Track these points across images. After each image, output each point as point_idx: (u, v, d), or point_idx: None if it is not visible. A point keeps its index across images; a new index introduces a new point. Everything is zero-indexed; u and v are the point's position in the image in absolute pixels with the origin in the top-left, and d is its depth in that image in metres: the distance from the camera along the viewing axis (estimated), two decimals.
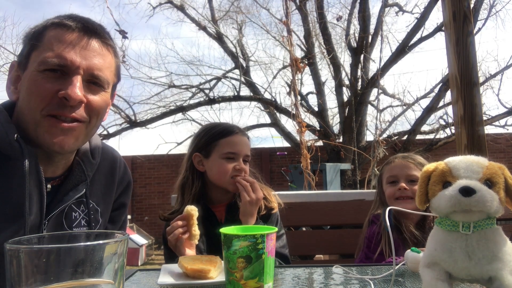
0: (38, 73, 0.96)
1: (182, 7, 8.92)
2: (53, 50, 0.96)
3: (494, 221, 0.77)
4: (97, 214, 1.13)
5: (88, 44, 1.00)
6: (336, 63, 8.19)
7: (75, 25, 1.00)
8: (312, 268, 1.22)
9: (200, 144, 1.64)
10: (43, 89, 0.95)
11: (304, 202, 2.13)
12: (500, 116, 7.96)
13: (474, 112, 1.81)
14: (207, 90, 9.04)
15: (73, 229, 1.06)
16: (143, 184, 10.06)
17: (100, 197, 1.15)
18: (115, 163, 1.21)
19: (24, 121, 0.99)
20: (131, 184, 1.28)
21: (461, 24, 1.84)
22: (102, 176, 1.16)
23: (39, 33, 0.99)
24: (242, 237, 0.83)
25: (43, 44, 0.98)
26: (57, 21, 1.00)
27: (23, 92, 0.99)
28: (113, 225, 1.22)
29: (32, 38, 1.00)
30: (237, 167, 1.57)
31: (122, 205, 1.25)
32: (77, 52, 0.98)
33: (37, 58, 0.97)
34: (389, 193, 1.68)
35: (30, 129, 0.98)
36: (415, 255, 1.07)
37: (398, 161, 1.71)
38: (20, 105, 1.00)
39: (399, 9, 8.51)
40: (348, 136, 7.67)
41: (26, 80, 0.98)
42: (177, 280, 1.04)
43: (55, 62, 0.95)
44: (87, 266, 0.53)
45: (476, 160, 0.79)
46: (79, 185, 1.06)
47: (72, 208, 1.07)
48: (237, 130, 1.65)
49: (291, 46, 4.70)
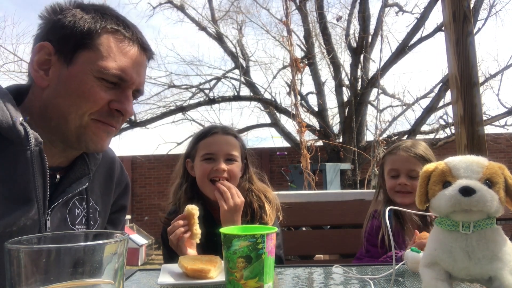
0: (94, 78, 0.95)
1: (182, 7, 8.92)
2: (115, 61, 0.97)
3: (494, 221, 0.77)
4: (95, 213, 1.13)
5: (143, 59, 1.05)
6: (336, 63, 8.19)
7: (132, 36, 1.01)
8: (312, 268, 1.22)
9: (188, 149, 1.65)
10: (99, 97, 0.96)
11: (304, 202, 2.13)
12: (500, 116, 7.95)
13: (474, 112, 1.81)
14: (207, 90, 9.04)
15: (75, 225, 1.06)
16: (143, 184, 10.06)
17: (99, 197, 1.14)
18: (113, 163, 1.21)
19: (61, 116, 0.97)
20: (129, 185, 1.28)
21: (461, 24, 1.84)
22: (100, 176, 1.16)
23: (93, 32, 0.96)
24: (242, 237, 0.83)
25: (99, 49, 0.96)
26: (115, 27, 0.99)
27: (68, 90, 0.95)
28: (113, 227, 1.22)
29: (83, 34, 0.96)
30: (214, 168, 1.53)
31: (123, 207, 1.25)
32: (135, 69, 1.01)
33: (90, 62, 0.95)
34: (390, 186, 1.71)
35: (70, 127, 0.97)
36: (415, 255, 1.07)
37: (400, 154, 1.70)
38: (58, 100, 0.96)
39: (399, 9, 8.50)
40: (348, 136, 7.67)
41: (73, 78, 0.95)
42: (177, 280, 1.04)
43: (117, 76, 0.97)
44: (87, 266, 0.53)
45: (476, 160, 0.79)
46: (82, 178, 1.06)
47: (75, 204, 1.07)
48: (217, 130, 1.61)
49: (291, 46, 4.70)
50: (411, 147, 1.71)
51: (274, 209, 1.62)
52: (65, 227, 1.03)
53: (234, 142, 1.61)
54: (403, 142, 1.76)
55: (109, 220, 1.20)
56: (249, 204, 1.58)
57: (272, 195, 1.67)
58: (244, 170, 1.67)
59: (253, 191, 1.63)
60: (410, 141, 1.77)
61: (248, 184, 1.65)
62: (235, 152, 1.59)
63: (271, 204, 1.61)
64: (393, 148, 1.76)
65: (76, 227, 1.05)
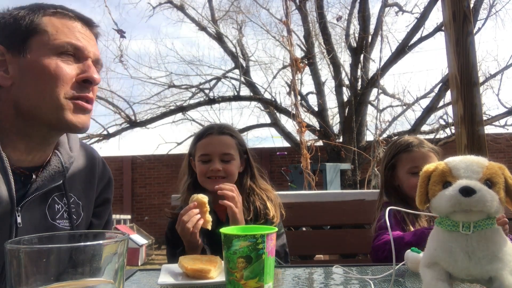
0: (55, 56, 0.99)
1: (182, 7, 8.91)
2: (66, 35, 1.02)
3: (494, 221, 0.77)
4: (78, 208, 1.15)
5: (89, 33, 1.09)
6: (336, 63, 8.19)
7: (72, 14, 1.06)
8: (312, 268, 1.22)
9: (190, 148, 1.71)
10: (65, 73, 1.00)
11: (304, 202, 2.13)
12: (500, 116, 7.95)
13: (474, 112, 1.81)
14: (207, 90, 9.04)
15: (56, 221, 1.08)
16: (143, 184, 10.06)
17: (81, 192, 1.17)
18: (94, 159, 1.24)
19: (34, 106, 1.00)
20: (111, 180, 1.31)
21: (461, 24, 1.85)
22: (82, 172, 1.19)
23: (35, 19, 1.02)
24: (242, 237, 0.83)
25: (46, 30, 1.01)
26: (53, 9, 1.05)
27: (32, 77, 0.99)
28: (98, 219, 1.25)
29: (27, 24, 1.01)
30: (210, 168, 1.57)
31: (106, 200, 1.28)
32: (85, 39, 1.05)
33: (44, 43, 1.00)
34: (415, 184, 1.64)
35: (47, 113, 1.00)
36: (415, 255, 1.07)
37: (419, 150, 1.68)
38: (27, 91, 1.00)
39: (399, 9, 8.51)
40: (348, 136, 7.67)
41: (34, 64, 0.99)
42: (177, 280, 1.04)
43: (72, 45, 1.01)
44: (87, 266, 0.53)
45: (476, 160, 0.79)
46: (55, 175, 1.08)
47: (55, 200, 1.09)
48: (213, 130, 1.64)
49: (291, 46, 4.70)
50: (422, 142, 1.71)
51: (277, 207, 1.64)
52: (45, 222, 1.05)
53: (229, 141, 1.63)
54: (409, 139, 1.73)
55: (94, 213, 1.23)
56: (252, 202, 1.60)
57: (274, 194, 1.69)
58: (245, 166, 1.69)
59: (255, 190, 1.65)
60: (413, 137, 1.75)
61: (250, 182, 1.67)
62: (231, 151, 1.61)
63: (273, 202, 1.63)
64: (406, 146, 1.72)
65: (57, 222, 1.08)
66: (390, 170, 1.75)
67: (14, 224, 0.98)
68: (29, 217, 1.02)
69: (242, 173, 1.68)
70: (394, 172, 1.74)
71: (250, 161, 1.69)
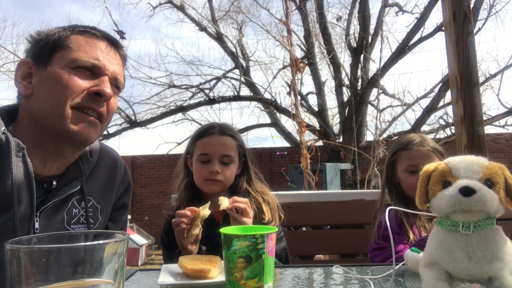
0: (70, 69, 1.03)
1: (182, 7, 8.91)
2: (86, 52, 1.06)
3: (494, 221, 0.77)
4: (96, 212, 1.16)
5: (113, 53, 1.13)
6: (336, 63, 8.19)
7: (100, 34, 1.11)
8: (312, 268, 1.22)
9: (188, 146, 1.67)
10: (77, 84, 1.03)
11: (304, 202, 2.13)
12: (500, 116, 7.95)
13: (474, 112, 1.81)
14: (207, 90, 9.04)
15: (71, 225, 1.09)
16: (143, 184, 10.05)
17: (100, 195, 1.18)
18: (116, 163, 1.25)
19: (44, 114, 1.03)
20: (131, 185, 1.32)
21: (461, 24, 1.84)
22: (103, 175, 1.20)
23: (63, 36, 1.07)
24: (242, 237, 0.83)
25: (70, 46, 1.06)
26: (82, 29, 1.10)
27: (47, 86, 1.03)
28: (114, 224, 1.25)
29: (55, 40, 1.06)
30: (209, 169, 1.52)
31: (124, 205, 1.29)
32: (106, 58, 1.10)
33: (64, 58, 1.04)
34: (412, 183, 1.61)
35: (52, 121, 1.02)
36: (415, 255, 1.07)
37: (418, 149, 1.65)
38: (41, 100, 1.04)
39: (399, 9, 8.51)
40: (348, 136, 7.67)
41: (51, 75, 1.03)
42: (177, 280, 1.04)
43: (90, 62, 1.05)
44: (87, 266, 0.53)
45: (476, 160, 0.79)
46: (73, 181, 1.11)
47: (74, 204, 1.11)
48: (215, 130, 1.59)
49: (291, 46, 4.70)
50: (423, 140, 1.68)
51: (275, 210, 1.60)
52: (60, 227, 1.07)
53: (230, 143, 1.59)
54: (411, 137, 1.71)
55: (111, 217, 1.24)
56: None
57: (271, 196, 1.64)
58: (243, 168, 1.66)
59: (250, 193, 1.61)
60: (417, 135, 1.72)
61: (246, 185, 1.63)
62: (231, 152, 1.57)
63: (269, 205, 1.59)
64: (406, 144, 1.70)
65: (71, 227, 1.09)
66: (391, 167, 1.74)
67: (32, 229, 1.01)
68: (46, 222, 1.04)
69: (239, 175, 1.64)
70: (395, 169, 1.73)
71: (248, 163, 1.66)
